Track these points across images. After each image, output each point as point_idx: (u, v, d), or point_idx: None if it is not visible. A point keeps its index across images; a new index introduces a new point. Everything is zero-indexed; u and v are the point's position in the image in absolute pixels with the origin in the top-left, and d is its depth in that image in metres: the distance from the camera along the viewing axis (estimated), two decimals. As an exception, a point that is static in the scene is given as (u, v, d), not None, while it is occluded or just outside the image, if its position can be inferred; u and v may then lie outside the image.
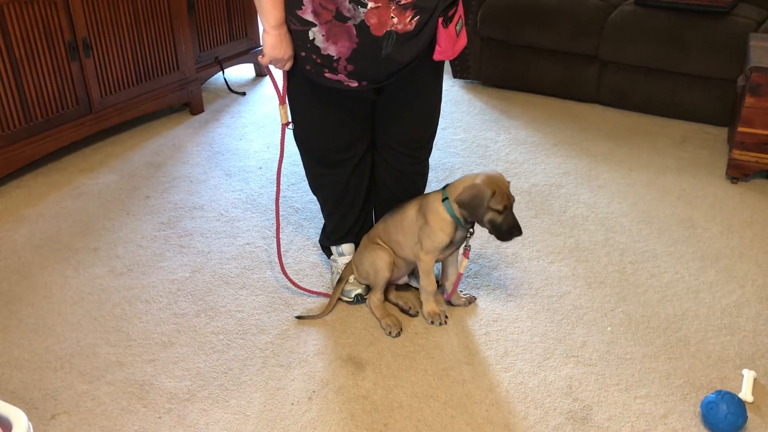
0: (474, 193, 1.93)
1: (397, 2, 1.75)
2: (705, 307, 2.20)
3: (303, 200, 2.82)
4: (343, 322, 2.15)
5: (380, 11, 1.75)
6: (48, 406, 1.85)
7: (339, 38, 1.79)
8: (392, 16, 1.77)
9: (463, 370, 1.96)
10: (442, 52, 1.90)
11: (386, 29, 1.78)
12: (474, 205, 1.93)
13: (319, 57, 1.83)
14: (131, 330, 2.12)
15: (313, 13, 1.77)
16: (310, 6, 1.77)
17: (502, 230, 1.95)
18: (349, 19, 1.76)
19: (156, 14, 3.30)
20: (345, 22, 1.76)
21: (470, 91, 3.94)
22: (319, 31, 1.79)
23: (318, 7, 1.76)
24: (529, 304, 2.23)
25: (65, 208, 2.78)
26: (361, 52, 1.80)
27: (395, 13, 1.77)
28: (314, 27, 1.79)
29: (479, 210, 1.93)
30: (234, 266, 2.42)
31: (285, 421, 1.80)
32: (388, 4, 1.75)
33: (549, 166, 3.09)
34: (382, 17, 1.77)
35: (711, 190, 2.88)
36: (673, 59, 3.35)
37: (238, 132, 3.46)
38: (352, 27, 1.77)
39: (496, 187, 1.93)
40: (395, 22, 1.78)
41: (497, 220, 1.94)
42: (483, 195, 1.92)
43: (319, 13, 1.76)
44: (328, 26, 1.78)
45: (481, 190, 1.92)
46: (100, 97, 3.15)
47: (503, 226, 1.94)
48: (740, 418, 1.70)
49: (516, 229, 1.95)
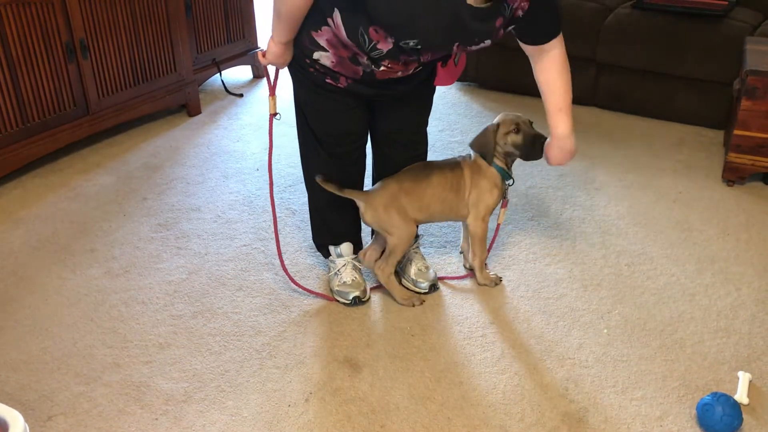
0: (482, 131, 2.13)
1: (405, 64, 1.84)
2: (701, 310, 2.21)
3: (300, 202, 2.82)
4: (339, 324, 2.15)
5: (390, 70, 1.85)
6: (44, 408, 1.84)
7: (345, 69, 1.87)
8: (399, 71, 1.87)
9: (460, 372, 1.96)
10: (441, 80, 2.02)
11: (390, 76, 1.89)
12: (483, 141, 2.12)
13: (322, 68, 1.89)
14: (128, 331, 2.12)
15: (328, 42, 1.81)
16: (327, 35, 1.79)
17: (526, 144, 2.08)
18: (360, 65, 1.84)
19: (153, 16, 3.30)
20: (356, 65, 1.84)
21: (467, 93, 3.95)
22: (328, 58, 1.85)
23: (337, 42, 1.80)
24: (526, 306, 2.23)
25: (62, 209, 2.78)
26: (362, 82, 1.90)
27: (401, 68, 1.86)
28: (325, 52, 1.84)
29: (489, 143, 2.10)
30: (231, 268, 2.42)
31: (282, 423, 1.80)
32: (398, 64, 1.83)
33: (546, 169, 3.10)
34: (390, 73, 1.86)
35: (707, 193, 2.89)
36: (670, 62, 3.36)
37: (235, 134, 3.46)
38: (360, 69, 1.85)
39: (502, 119, 2.11)
40: (399, 74, 1.89)
41: (517, 141, 2.09)
42: (487, 129, 2.11)
43: (336, 46, 1.81)
44: (340, 59, 1.84)
45: (487, 127, 2.12)
46: (97, 98, 3.15)
47: (526, 140, 2.08)
48: (736, 420, 1.71)
49: (538, 138, 2.08)
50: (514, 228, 2.65)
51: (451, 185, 2.13)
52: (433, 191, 2.12)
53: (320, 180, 2.04)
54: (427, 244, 2.55)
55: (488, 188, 2.14)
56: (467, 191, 2.15)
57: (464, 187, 2.15)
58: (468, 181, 2.15)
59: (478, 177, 2.14)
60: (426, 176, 2.12)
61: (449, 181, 2.13)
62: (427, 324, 2.15)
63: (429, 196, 2.11)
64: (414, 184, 2.11)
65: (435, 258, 2.46)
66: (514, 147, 2.10)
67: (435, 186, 2.12)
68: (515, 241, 2.57)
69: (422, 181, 2.11)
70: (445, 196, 2.13)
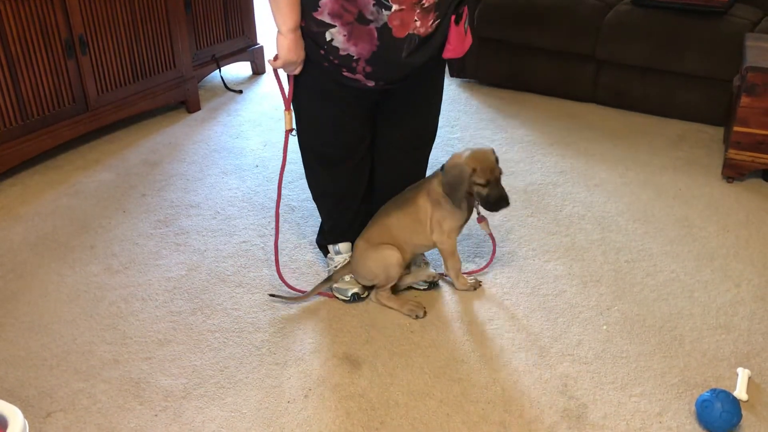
0: (455, 173, 2.02)
1: (421, 5, 1.75)
2: (700, 306, 2.21)
3: (300, 198, 2.82)
4: (339, 320, 2.15)
5: (404, 14, 1.75)
6: (44, 404, 1.84)
7: (360, 39, 1.79)
8: (416, 19, 1.77)
9: (459, 369, 1.96)
10: (453, 50, 1.93)
11: (408, 32, 1.78)
12: (455, 183, 2.02)
13: (337, 58, 1.83)
14: (127, 328, 2.12)
15: (330, 14, 1.76)
16: (327, 8, 1.76)
17: (489, 202, 2.04)
18: (371, 22, 1.76)
19: (153, 12, 3.30)
20: (367, 25, 1.76)
21: (467, 90, 3.95)
22: (339, 32, 1.78)
23: (339, 9, 1.75)
24: (525, 302, 2.23)
25: (61, 206, 2.78)
26: (381, 55, 1.81)
27: (419, 16, 1.77)
28: (333, 28, 1.78)
29: (461, 188, 2.01)
30: (230, 264, 2.41)
31: (281, 419, 1.80)
32: (413, 7, 1.75)
33: (545, 165, 3.10)
34: (405, 20, 1.77)
35: (707, 190, 2.89)
36: (670, 59, 3.35)
37: (234, 130, 3.46)
38: (373, 30, 1.77)
39: (478, 163, 2.01)
40: (418, 25, 1.79)
41: (483, 193, 2.03)
42: (463, 174, 2.01)
43: (340, 14, 1.76)
44: (350, 27, 1.77)
45: (461, 169, 2.01)
46: (96, 94, 3.15)
47: (490, 198, 2.04)
48: (735, 416, 1.71)
49: (503, 200, 2.04)
50: (513, 225, 2.65)
51: (411, 219, 2.13)
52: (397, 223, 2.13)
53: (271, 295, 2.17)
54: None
55: (451, 210, 2.10)
56: (428, 219, 2.12)
57: (424, 218, 2.13)
58: (427, 210, 2.12)
59: (439, 202, 2.10)
60: (386, 216, 2.15)
61: (410, 216, 2.13)
62: (426, 320, 2.15)
63: (395, 229, 2.13)
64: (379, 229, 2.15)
65: (435, 256, 2.46)
66: (478, 196, 2.05)
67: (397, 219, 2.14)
68: (514, 237, 2.57)
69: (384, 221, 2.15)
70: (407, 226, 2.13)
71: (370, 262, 2.12)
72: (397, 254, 2.11)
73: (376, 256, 2.11)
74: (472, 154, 2.03)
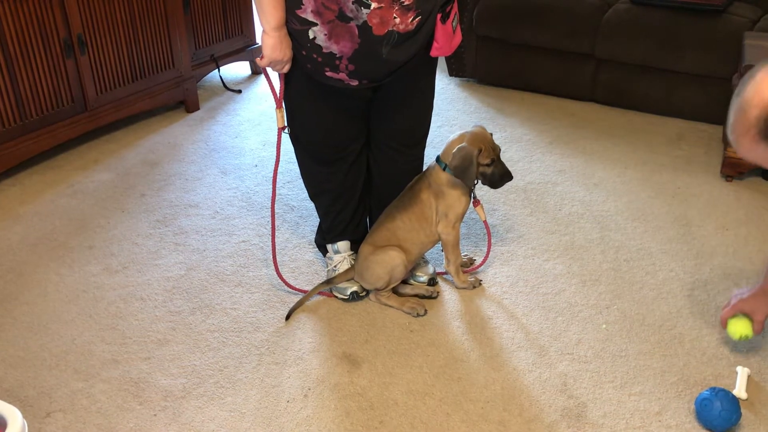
0: (463, 155, 2.04)
1: (400, 3, 1.76)
2: (699, 305, 2.21)
3: (298, 198, 2.82)
4: (338, 319, 2.15)
5: (383, 12, 1.77)
6: (43, 404, 1.84)
7: (341, 38, 1.80)
8: (395, 16, 1.78)
9: (459, 368, 1.96)
10: (440, 48, 1.93)
11: (388, 29, 1.79)
12: (465, 165, 2.04)
13: (320, 56, 1.84)
14: (126, 328, 2.12)
15: (313, 12, 1.78)
16: (310, 6, 1.77)
17: (495, 180, 2.09)
18: (351, 20, 1.77)
19: (151, 11, 3.30)
20: (347, 23, 1.77)
21: (466, 89, 3.94)
22: (320, 30, 1.80)
23: (320, 6, 1.76)
24: (524, 301, 2.23)
25: (60, 206, 2.77)
26: (363, 53, 1.82)
27: (398, 14, 1.78)
28: (315, 26, 1.79)
29: (471, 169, 2.05)
30: (229, 264, 2.41)
31: (280, 419, 1.80)
32: (392, 5, 1.76)
33: (544, 164, 3.10)
34: (384, 17, 1.78)
35: (706, 188, 2.89)
36: (669, 57, 3.35)
37: (233, 130, 3.46)
38: (354, 27, 1.78)
39: (481, 143, 2.05)
40: (397, 22, 1.80)
41: (488, 172, 2.09)
42: (471, 155, 2.04)
43: (321, 12, 1.77)
44: (331, 26, 1.78)
45: (468, 150, 2.04)
46: (95, 94, 3.14)
47: (495, 176, 2.09)
48: (734, 414, 1.71)
49: (507, 175, 2.09)
50: (512, 223, 2.65)
51: (417, 217, 2.13)
52: (403, 225, 2.13)
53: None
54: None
55: (457, 197, 2.12)
56: (433, 213, 2.13)
57: (430, 212, 2.13)
58: (432, 203, 2.13)
59: (443, 192, 2.11)
60: (391, 219, 2.14)
61: (416, 214, 2.13)
62: (425, 319, 2.15)
63: (401, 231, 2.13)
64: (386, 233, 2.14)
65: (435, 254, 2.46)
66: (482, 175, 2.10)
67: (402, 222, 2.13)
68: (513, 236, 2.57)
69: (389, 225, 2.14)
70: (413, 226, 2.13)
71: (376, 266, 2.12)
72: (401, 255, 2.12)
73: (381, 259, 2.11)
74: (472, 135, 2.07)
